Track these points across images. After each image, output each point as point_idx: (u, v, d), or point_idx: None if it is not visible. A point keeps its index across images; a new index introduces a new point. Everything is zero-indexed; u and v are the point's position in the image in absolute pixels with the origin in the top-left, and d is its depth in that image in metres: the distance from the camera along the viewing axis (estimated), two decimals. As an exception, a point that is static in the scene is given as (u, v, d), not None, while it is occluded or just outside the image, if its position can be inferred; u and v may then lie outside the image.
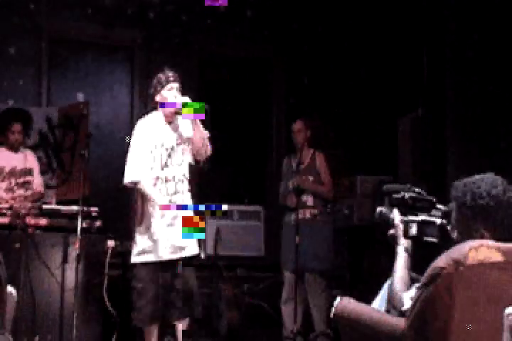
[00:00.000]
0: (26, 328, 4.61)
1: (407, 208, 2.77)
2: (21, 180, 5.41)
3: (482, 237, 2.41)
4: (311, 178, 5.80)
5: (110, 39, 7.07)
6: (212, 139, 4.40)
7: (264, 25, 7.36)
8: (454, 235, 2.53)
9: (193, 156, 4.48)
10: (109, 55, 7.23)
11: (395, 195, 2.84)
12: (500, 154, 5.54)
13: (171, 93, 4.45)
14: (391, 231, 2.77)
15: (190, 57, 7.15)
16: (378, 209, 2.88)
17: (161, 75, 4.49)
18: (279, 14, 7.38)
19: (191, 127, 4.41)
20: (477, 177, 2.49)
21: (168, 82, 4.46)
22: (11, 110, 5.67)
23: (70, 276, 4.72)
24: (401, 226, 2.73)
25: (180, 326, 4.34)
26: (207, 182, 6.19)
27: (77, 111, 6.32)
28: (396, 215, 2.77)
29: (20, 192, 5.35)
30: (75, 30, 6.95)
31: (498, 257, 2.28)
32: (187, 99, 4.32)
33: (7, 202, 5.07)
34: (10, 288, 3.53)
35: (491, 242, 2.33)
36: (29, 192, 5.37)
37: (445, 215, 2.66)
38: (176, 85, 4.47)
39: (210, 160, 4.48)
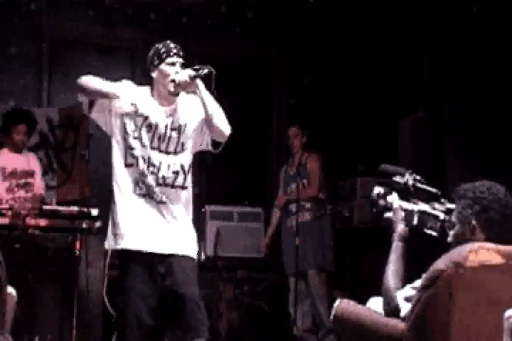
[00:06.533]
0: (26, 328, 4.61)
1: (409, 195, 2.73)
2: (22, 181, 5.40)
3: (473, 230, 2.44)
4: (305, 181, 5.94)
5: (111, 39, 7.06)
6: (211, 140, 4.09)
7: (265, 25, 7.35)
8: (451, 233, 2.53)
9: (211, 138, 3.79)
10: (109, 55, 7.22)
11: (397, 179, 2.79)
12: (500, 155, 5.54)
13: (172, 69, 3.58)
14: (387, 215, 2.73)
15: (190, 57, 7.13)
16: (376, 188, 2.83)
17: (160, 46, 3.60)
18: (280, 15, 7.37)
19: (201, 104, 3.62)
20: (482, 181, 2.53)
21: (169, 55, 3.59)
22: (15, 111, 5.64)
23: (70, 277, 4.72)
24: (400, 213, 2.70)
25: None
26: (207, 183, 6.18)
27: (78, 112, 6.30)
28: (395, 199, 2.74)
29: (21, 193, 5.34)
30: (75, 30, 6.94)
31: (498, 259, 2.28)
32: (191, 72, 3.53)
33: (7, 202, 5.07)
34: (10, 289, 3.53)
35: (490, 245, 2.34)
36: (30, 194, 5.36)
37: (448, 212, 2.64)
38: (179, 60, 3.62)
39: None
